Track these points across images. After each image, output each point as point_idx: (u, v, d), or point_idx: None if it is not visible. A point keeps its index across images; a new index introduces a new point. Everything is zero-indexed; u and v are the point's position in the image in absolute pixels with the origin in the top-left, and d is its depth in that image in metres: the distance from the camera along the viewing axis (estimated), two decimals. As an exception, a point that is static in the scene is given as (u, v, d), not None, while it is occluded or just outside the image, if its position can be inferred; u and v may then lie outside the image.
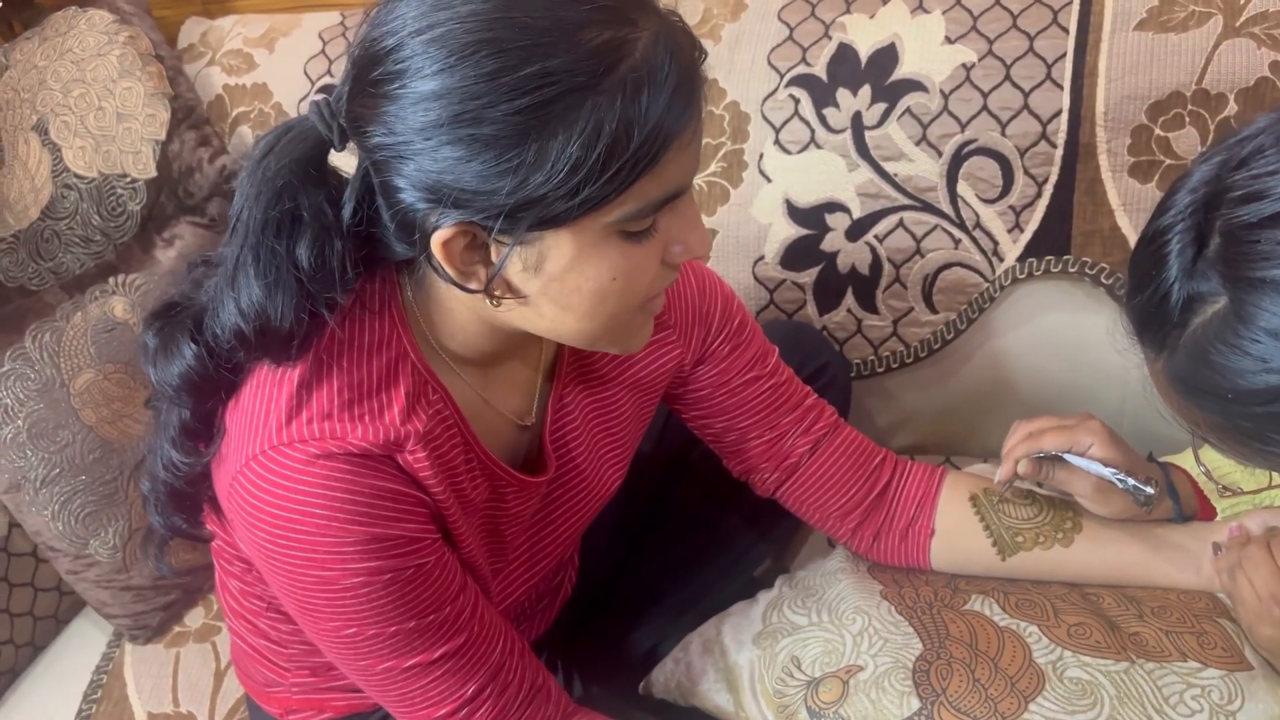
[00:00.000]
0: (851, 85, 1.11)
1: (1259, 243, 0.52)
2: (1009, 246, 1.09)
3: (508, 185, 0.58)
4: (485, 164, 0.58)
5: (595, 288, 0.64)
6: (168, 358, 0.69)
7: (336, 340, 0.69)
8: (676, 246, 0.66)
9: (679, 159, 0.61)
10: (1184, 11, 1.01)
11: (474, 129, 0.57)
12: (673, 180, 0.62)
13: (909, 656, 0.79)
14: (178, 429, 0.70)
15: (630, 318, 0.68)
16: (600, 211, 0.60)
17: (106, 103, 1.25)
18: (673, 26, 0.61)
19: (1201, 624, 0.79)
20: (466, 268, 0.64)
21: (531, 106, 0.57)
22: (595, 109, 0.57)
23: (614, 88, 0.57)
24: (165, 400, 0.71)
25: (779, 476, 0.92)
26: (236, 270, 0.65)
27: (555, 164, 0.57)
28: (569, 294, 0.64)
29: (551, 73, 0.56)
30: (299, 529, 0.66)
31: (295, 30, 1.38)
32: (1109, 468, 0.81)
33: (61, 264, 1.20)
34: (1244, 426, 0.56)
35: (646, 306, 0.69)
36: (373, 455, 0.67)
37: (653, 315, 0.72)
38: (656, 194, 0.61)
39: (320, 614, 0.69)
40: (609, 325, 0.67)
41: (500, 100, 0.57)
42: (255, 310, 0.64)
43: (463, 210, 0.60)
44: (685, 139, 0.61)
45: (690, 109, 0.60)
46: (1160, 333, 0.58)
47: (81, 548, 1.15)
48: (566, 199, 0.59)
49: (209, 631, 1.18)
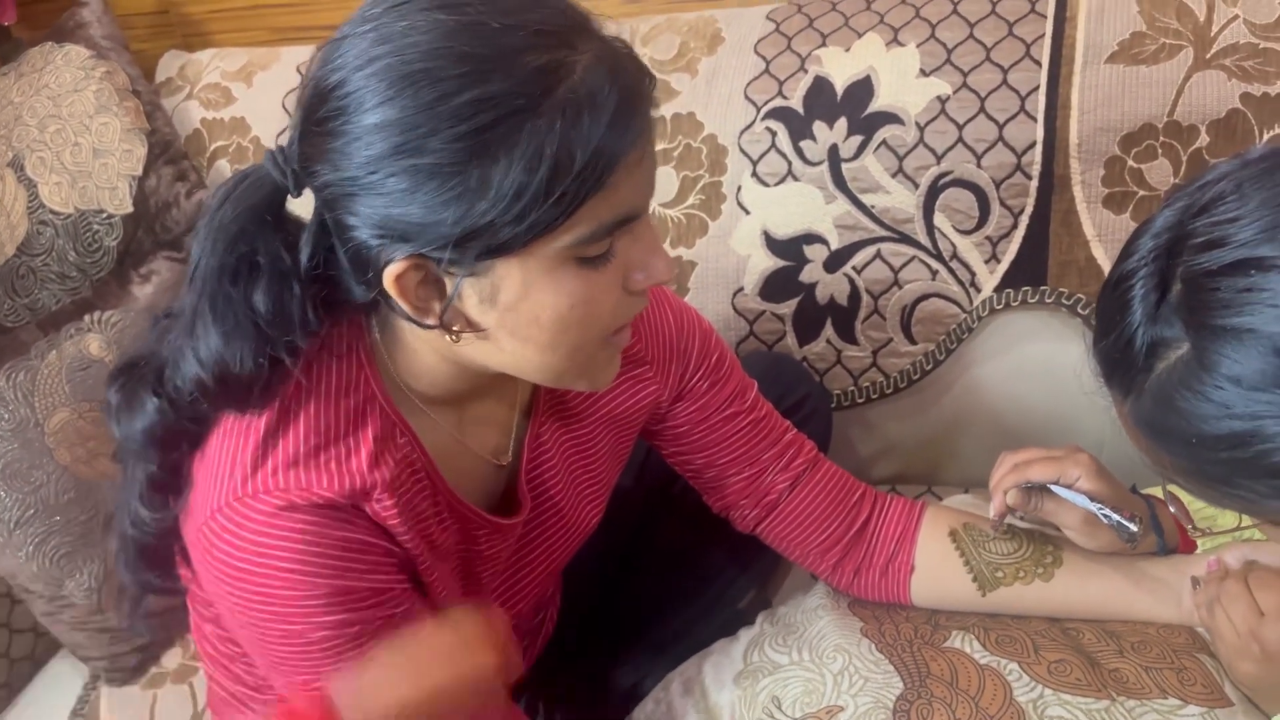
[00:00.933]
0: (828, 118, 1.11)
1: (1219, 290, 0.53)
2: (986, 277, 1.10)
3: (452, 215, 0.58)
4: (429, 194, 0.58)
5: (553, 317, 0.63)
6: (130, 413, 0.68)
7: (302, 387, 0.68)
8: (638, 273, 0.65)
9: (629, 180, 0.60)
10: (1155, 44, 1.02)
11: (416, 159, 0.57)
12: (624, 202, 0.61)
13: (889, 696, 0.78)
14: (144, 484, 0.70)
15: (594, 350, 0.67)
16: (550, 236, 0.59)
17: (83, 138, 1.25)
18: (615, 50, 0.61)
19: (1181, 660, 0.79)
20: (422, 303, 0.63)
21: (470, 133, 0.56)
22: (534, 132, 0.56)
23: (553, 110, 0.57)
24: (131, 456, 0.70)
25: (759, 513, 0.92)
26: (195, 319, 0.64)
27: (499, 190, 0.57)
28: (527, 325, 0.63)
29: (489, 98, 0.56)
30: (264, 582, 0.65)
31: (274, 64, 1.38)
32: (1095, 502, 0.81)
33: (37, 300, 1.19)
34: (1209, 471, 0.56)
35: (612, 340, 0.68)
36: (339, 506, 0.66)
37: (619, 349, 0.70)
38: (608, 216, 0.60)
39: (289, 666, 0.68)
40: (572, 358, 0.66)
41: (440, 129, 0.57)
42: (214, 358, 0.64)
43: (411, 243, 0.60)
44: (633, 160, 0.60)
45: (635, 129, 0.59)
46: (1126, 377, 0.58)
47: (57, 589, 1.14)
48: (513, 225, 0.58)
49: (187, 673, 1.17)
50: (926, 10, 1.11)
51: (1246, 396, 0.52)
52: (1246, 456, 0.53)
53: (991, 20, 1.08)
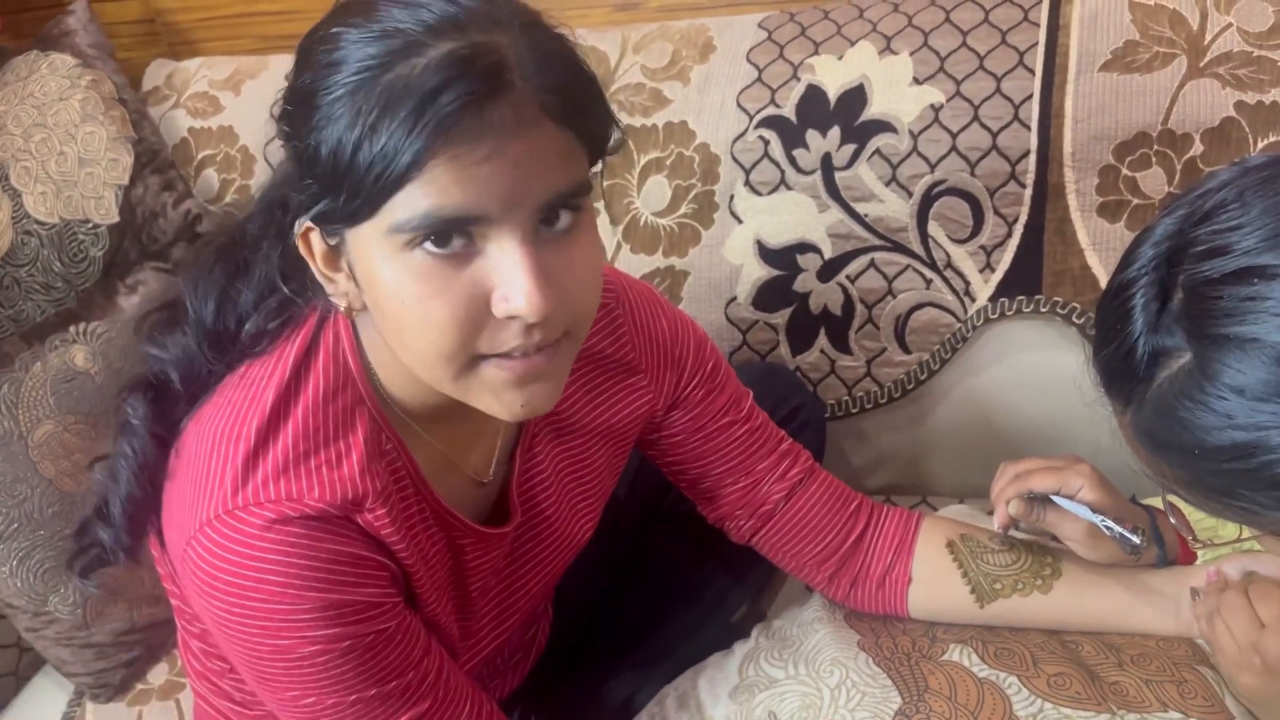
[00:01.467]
0: (821, 126, 1.11)
1: (1222, 299, 0.52)
2: (980, 286, 1.09)
3: (300, 181, 0.61)
4: (290, 158, 0.62)
5: (395, 307, 0.60)
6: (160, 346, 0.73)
7: (291, 389, 0.68)
8: (497, 293, 0.59)
9: (461, 177, 0.56)
10: (1148, 53, 1.02)
11: (285, 127, 0.62)
12: (449, 198, 0.56)
13: (887, 711, 0.77)
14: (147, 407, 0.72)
15: (462, 369, 0.61)
16: (373, 215, 0.58)
17: (68, 147, 1.23)
18: (491, 48, 0.56)
19: (1181, 672, 0.78)
20: (329, 269, 0.65)
21: (310, 103, 0.58)
22: (357, 108, 0.56)
23: (381, 89, 0.56)
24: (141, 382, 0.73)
25: (754, 524, 0.91)
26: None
27: (324, 158, 0.57)
28: (378, 311, 0.62)
29: (337, 64, 0.57)
30: (254, 597, 0.64)
31: (262, 72, 1.37)
32: (1097, 513, 0.81)
33: (21, 311, 1.17)
34: (1211, 482, 0.55)
35: (492, 364, 0.61)
36: (330, 517, 0.65)
37: (514, 382, 0.62)
38: (426, 205, 0.56)
39: (278, 683, 0.67)
40: (440, 367, 0.61)
41: (296, 98, 0.60)
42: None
43: (302, 208, 0.62)
44: (464, 155, 0.55)
45: (467, 129, 0.55)
46: (1127, 387, 0.58)
47: (41, 604, 1.12)
48: (333, 196, 0.58)
49: (172, 689, 1.15)
50: (919, 19, 1.11)
51: (1249, 407, 0.51)
52: (1249, 468, 0.53)
53: (984, 29, 1.08)
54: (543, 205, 0.59)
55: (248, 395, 0.68)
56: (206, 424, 0.69)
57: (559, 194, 0.59)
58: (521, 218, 0.58)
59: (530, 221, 0.59)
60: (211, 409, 0.70)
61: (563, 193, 0.59)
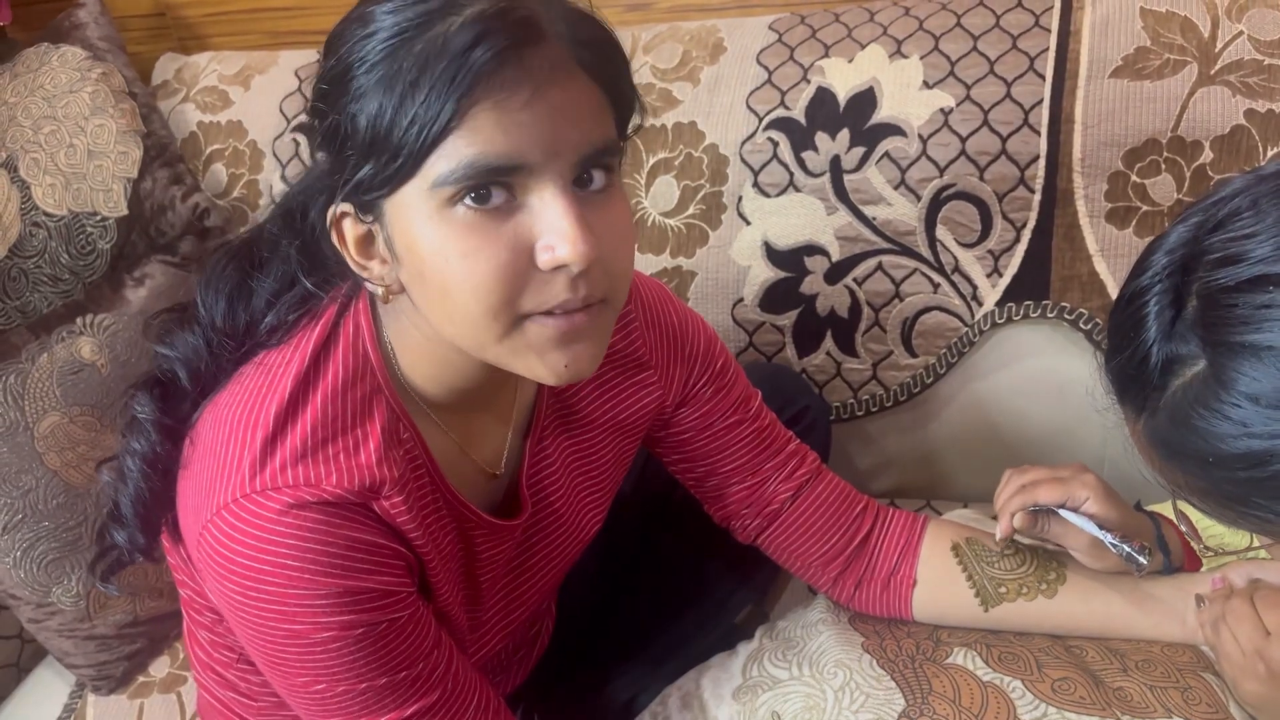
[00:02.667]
0: (830, 129, 1.11)
1: (1237, 306, 0.52)
2: (988, 291, 1.09)
3: (338, 158, 0.61)
4: (326, 142, 0.62)
5: (438, 268, 0.60)
6: (169, 344, 0.74)
7: (311, 376, 0.68)
8: (542, 246, 0.59)
9: (501, 123, 0.57)
10: (1159, 59, 1.02)
11: (314, 109, 0.63)
12: (492, 144, 0.57)
13: (891, 713, 0.77)
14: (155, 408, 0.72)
15: (507, 326, 0.61)
16: (414, 174, 0.58)
17: (78, 140, 1.23)
18: (527, 3, 0.58)
19: (1186, 679, 0.78)
20: (362, 256, 0.65)
21: (339, 76, 0.59)
22: (392, 71, 0.57)
23: (415, 52, 0.57)
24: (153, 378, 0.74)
25: (760, 523, 0.91)
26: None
27: (360, 128, 0.58)
28: (423, 280, 0.62)
29: (371, 35, 0.58)
30: (270, 581, 0.64)
31: (271, 67, 1.37)
32: (1104, 529, 0.81)
33: (29, 303, 1.17)
34: (1226, 490, 0.55)
35: (536, 321, 0.61)
36: (347, 503, 0.66)
37: (560, 334, 0.62)
38: (470, 153, 0.57)
39: (290, 668, 0.67)
40: (479, 326, 0.61)
41: (324, 80, 0.61)
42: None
43: (335, 192, 0.63)
44: (507, 103, 0.56)
45: (507, 73, 0.56)
46: (1140, 395, 0.58)
47: (44, 596, 1.12)
48: (374, 162, 0.59)
49: (174, 682, 1.15)
50: (930, 22, 1.11)
51: (1265, 415, 0.51)
52: (1264, 476, 0.52)
53: (995, 33, 1.08)
54: (582, 157, 0.60)
55: (266, 382, 0.68)
56: (224, 410, 0.69)
57: (595, 148, 0.60)
58: (561, 168, 0.59)
59: (570, 173, 0.60)
60: (228, 395, 0.70)
61: (599, 148, 0.60)
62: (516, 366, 0.64)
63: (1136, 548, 0.80)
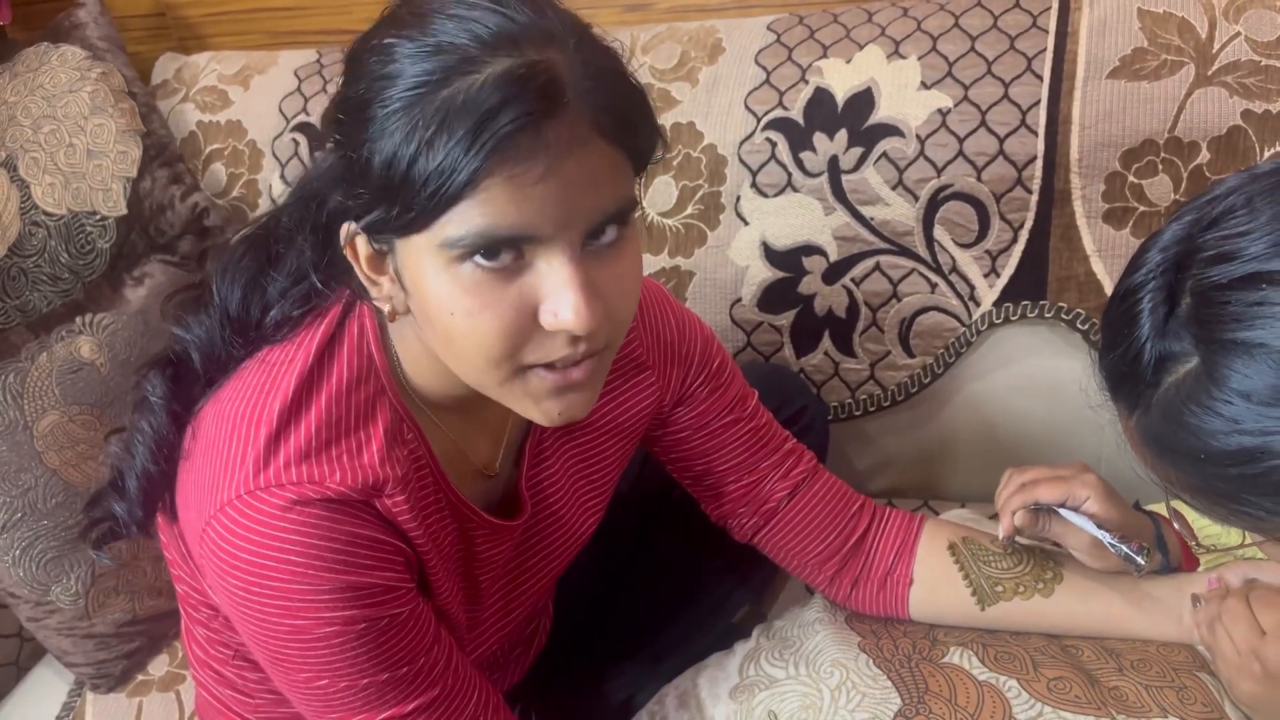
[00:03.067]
0: (828, 129, 1.11)
1: (1230, 304, 0.52)
2: (985, 291, 1.09)
3: (351, 189, 0.61)
4: (341, 166, 0.62)
5: (440, 315, 0.61)
6: (184, 326, 0.74)
7: (315, 377, 0.68)
8: (545, 309, 0.60)
9: (515, 196, 0.56)
10: (1156, 60, 1.02)
11: (335, 130, 0.62)
12: (504, 216, 0.57)
13: (887, 712, 0.77)
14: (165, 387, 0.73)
15: (508, 376, 0.62)
16: (426, 228, 0.58)
17: (77, 139, 1.24)
18: (546, 67, 0.56)
19: (1181, 678, 0.78)
20: (373, 273, 0.65)
21: (363, 113, 0.58)
22: (412, 123, 0.56)
23: (436, 107, 0.56)
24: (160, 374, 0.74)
25: (757, 521, 0.91)
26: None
27: (375, 170, 0.58)
28: (424, 317, 0.63)
29: (391, 77, 0.57)
30: (273, 576, 0.64)
31: (271, 67, 1.37)
32: (1103, 529, 0.81)
33: (28, 302, 1.18)
34: (1218, 487, 0.55)
35: (535, 375, 0.63)
36: (350, 501, 0.66)
37: (555, 391, 0.64)
38: (481, 223, 0.57)
39: (292, 664, 0.68)
40: (486, 373, 0.63)
41: (344, 104, 0.61)
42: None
43: (351, 213, 0.63)
44: (523, 177, 0.56)
45: (522, 149, 0.56)
46: (1133, 391, 0.58)
47: (43, 594, 1.12)
48: (385, 207, 0.59)
49: (173, 680, 1.16)
50: (928, 23, 1.11)
51: (1257, 412, 0.51)
52: (1255, 473, 0.53)
53: (993, 34, 1.08)
54: (592, 226, 0.60)
55: (269, 380, 0.69)
56: (226, 406, 0.69)
57: (607, 214, 0.60)
58: (572, 237, 0.59)
59: (580, 240, 0.60)
60: (230, 391, 0.70)
61: (611, 214, 0.60)
62: (512, 406, 0.66)
63: (1135, 548, 0.80)
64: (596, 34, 0.61)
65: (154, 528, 0.77)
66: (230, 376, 0.72)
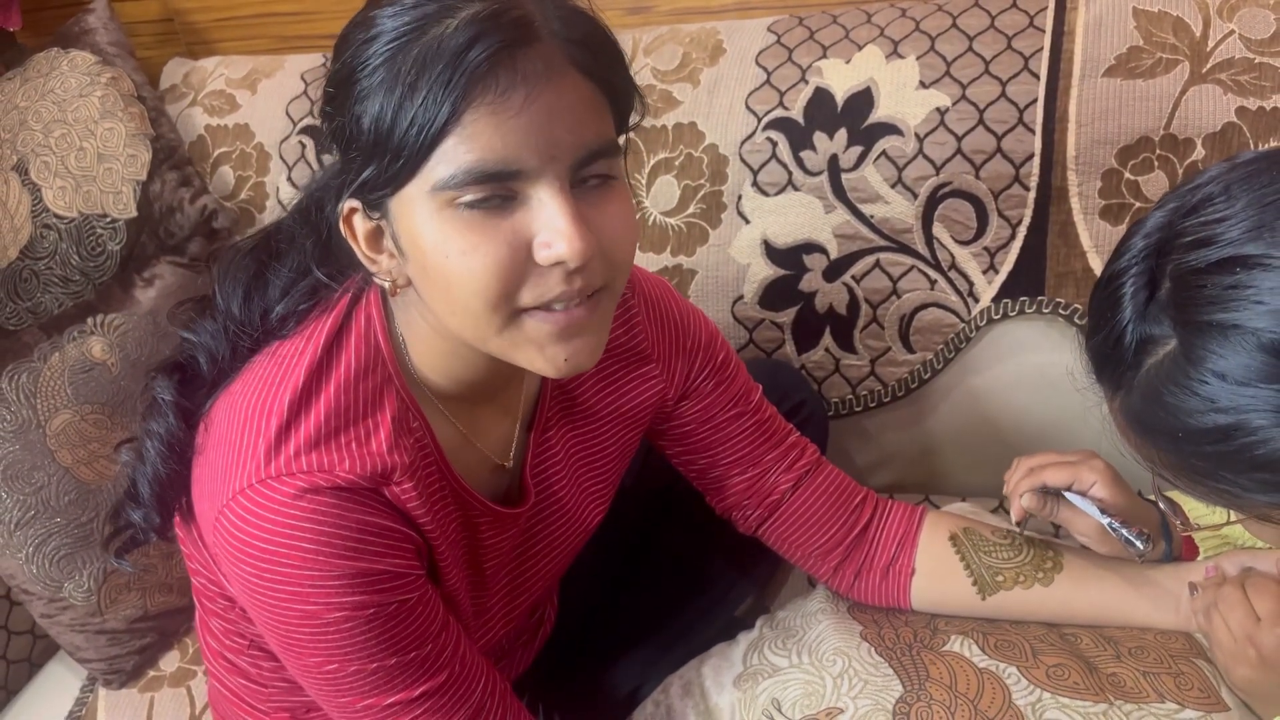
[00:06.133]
0: (828, 129, 1.12)
1: (1206, 287, 0.54)
2: (984, 287, 1.11)
3: (345, 158, 0.63)
4: (334, 142, 0.64)
5: (436, 263, 0.62)
6: (193, 331, 0.77)
7: (324, 366, 0.70)
8: (540, 243, 0.61)
9: (497, 129, 0.58)
10: (1151, 58, 1.03)
11: (328, 108, 0.65)
12: (490, 150, 0.59)
13: (889, 699, 0.78)
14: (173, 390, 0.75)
15: (501, 318, 0.63)
16: (415, 176, 0.60)
17: (87, 143, 1.25)
18: (522, 3, 0.60)
19: (1178, 665, 0.79)
20: (371, 250, 0.67)
21: (347, 78, 0.61)
22: (392, 74, 0.59)
23: (412, 56, 0.59)
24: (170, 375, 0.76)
25: (761, 514, 0.92)
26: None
27: (364, 129, 0.60)
28: (426, 275, 0.64)
29: (373, 38, 0.60)
30: (285, 563, 0.66)
31: (278, 71, 1.39)
32: (1107, 514, 0.82)
33: (40, 304, 1.19)
34: (1195, 465, 0.57)
35: (535, 316, 0.63)
36: (359, 489, 0.68)
37: (558, 330, 0.64)
38: (469, 159, 0.59)
39: (303, 649, 0.69)
40: (479, 319, 0.63)
41: (330, 83, 0.64)
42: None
43: (346, 189, 0.65)
44: (501, 109, 0.58)
45: (499, 79, 0.58)
46: (1116, 373, 0.59)
47: (56, 591, 1.14)
48: (377, 161, 0.61)
49: (184, 676, 1.17)
50: (926, 23, 1.13)
51: (1231, 391, 0.53)
52: (1230, 450, 0.54)
53: (990, 34, 1.10)
54: (578, 159, 0.61)
55: (279, 371, 0.70)
56: (238, 398, 0.71)
57: (591, 150, 0.62)
58: (559, 170, 0.61)
59: (567, 174, 0.61)
60: (242, 384, 0.72)
61: (594, 149, 0.62)
62: (518, 359, 0.66)
63: (1136, 533, 0.81)
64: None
65: (172, 533, 0.79)
66: (242, 370, 0.74)
